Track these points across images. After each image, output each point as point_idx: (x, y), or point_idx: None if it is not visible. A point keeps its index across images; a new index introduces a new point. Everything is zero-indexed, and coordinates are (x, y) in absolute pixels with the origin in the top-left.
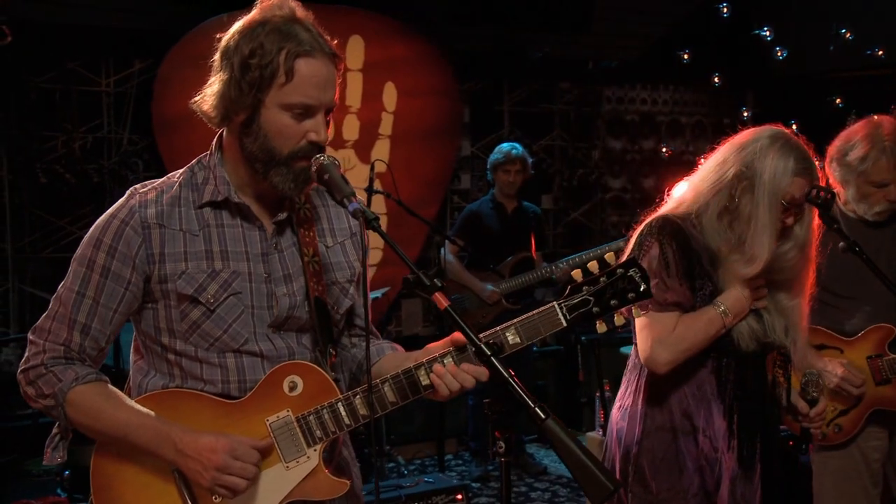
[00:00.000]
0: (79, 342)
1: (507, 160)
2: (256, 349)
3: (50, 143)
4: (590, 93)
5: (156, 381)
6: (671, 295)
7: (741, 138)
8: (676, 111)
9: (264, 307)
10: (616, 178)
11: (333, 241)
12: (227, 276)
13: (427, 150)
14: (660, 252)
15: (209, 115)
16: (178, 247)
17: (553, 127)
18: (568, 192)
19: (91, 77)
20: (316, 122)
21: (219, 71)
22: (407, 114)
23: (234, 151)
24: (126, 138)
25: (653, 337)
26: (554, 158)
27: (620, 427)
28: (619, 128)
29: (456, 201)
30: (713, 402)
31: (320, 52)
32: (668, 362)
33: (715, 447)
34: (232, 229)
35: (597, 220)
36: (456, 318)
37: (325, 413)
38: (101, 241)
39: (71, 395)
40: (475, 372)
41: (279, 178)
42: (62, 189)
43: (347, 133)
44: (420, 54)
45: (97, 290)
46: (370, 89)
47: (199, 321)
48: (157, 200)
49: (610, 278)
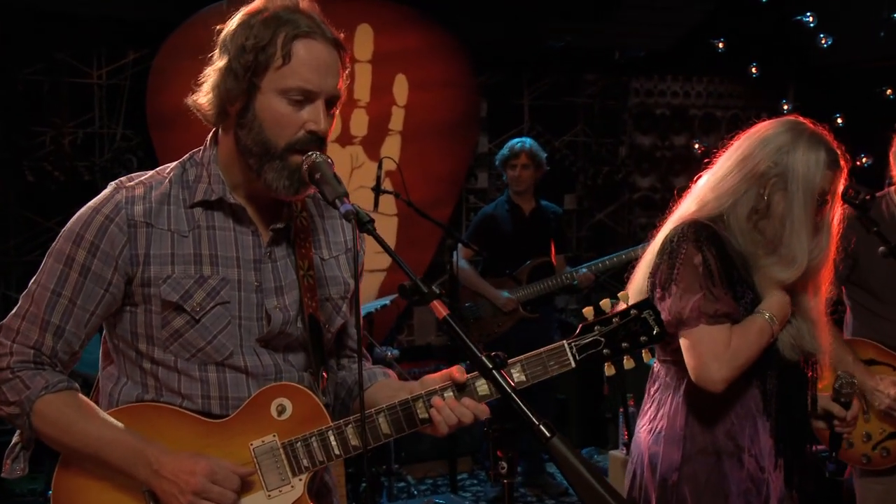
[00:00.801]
0: (51, 345)
1: (511, 154)
2: (241, 364)
3: (38, 140)
4: (616, 85)
5: (129, 391)
6: (721, 306)
7: (761, 132)
8: (710, 104)
9: (253, 319)
10: (644, 176)
11: (329, 254)
12: (215, 283)
13: (441, 147)
14: (703, 260)
15: (205, 111)
16: (164, 248)
17: (576, 121)
18: (592, 192)
19: (82, 68)
20: (315, 110)
21: (215, 62)
22: (419, 108)
23: (229, 147)
24: (119, 134)
25: (707, 353)
26: (577, 155)
27: (654, 452)
28: (648, 122)
29: (472, 201)
30: (758, 419)
31: (321, 36)
32: (725, 380)
33: (761, 466)
34: (224, 232)
35: (623, 221)
36: (456, 329)
37: (313, 441)
38: (81, 236)
39: (39, 404)
40: (475, 408)
41: (273, 174)
42: (50, 188)
43: (355, 128)
44: (433, 44)
45: (74, 289)
46: (380, 82)
47: (182, 330)
48: (144, 197)
49: (623, 319)
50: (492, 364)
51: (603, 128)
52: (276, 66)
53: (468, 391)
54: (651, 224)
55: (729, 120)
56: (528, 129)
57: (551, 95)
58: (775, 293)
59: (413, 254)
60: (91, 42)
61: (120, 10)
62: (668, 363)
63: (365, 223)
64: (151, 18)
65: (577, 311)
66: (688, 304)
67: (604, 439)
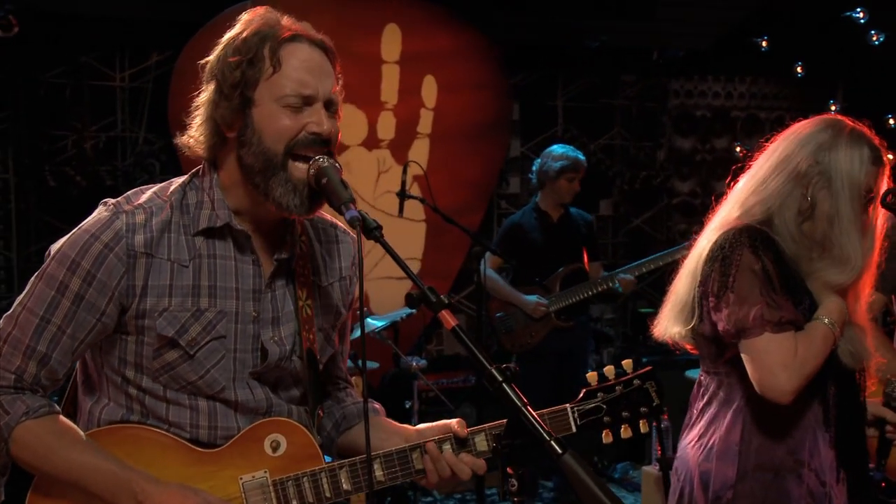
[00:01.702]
0: (33, 373)
1: (575, 167)
2: (232, 398)
3: (60, 143)
4: (654, 86)
5: (112, 411)
6: (785, 313)
7: (800, 131)
8: (754, 106)
9: (248, 350)
10: (684, 181)
11: (326, 280)
12: (211, 316)
13: (471, 151)
14: (761, 266)
15: (200, 147)
16: (163, 279)
17: (613, 124)
18: (629, 197)
19: (104, 71)
20: (316, 112)
21: (202, 97)
22: (448, 110)
23: (231, 171)
24: (142, 137)
25: (774, 362)
26: (614, 159)
27: (706, 470)
28: (688, 125)
29: (503, 207)
30: (818, 431)
31: (308, 40)
32: (795, 390)
33: (822, 481)
34: (224, 261)
35: (662, 227)
36: (465, 340)
37: (305, 482)
38: (77, 263)
39: (18, 430)
40: (474, 464)
41: (280, 189)
42: (72, 193)
43: (383, 131)
44: (464, 44)
45: (65, 318)
46: (408, 83)
47: (175, 363)
48: (145, 225)
49: (626, 389)
50: (501, 377)
51: (641, 130)
52: (268, 75)
53: (468, 446)
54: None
55: (773, 122)
56: (563, 132)
57: (586, 97)
58: (832, 298)
59: (441, 261)
60: (114, 44)
61: (143, 12)
62: (721, 375)
63: (372, 230)
64: (174, 20)
65: (613, 321)
66: (749, 313)
67: (640, 454)
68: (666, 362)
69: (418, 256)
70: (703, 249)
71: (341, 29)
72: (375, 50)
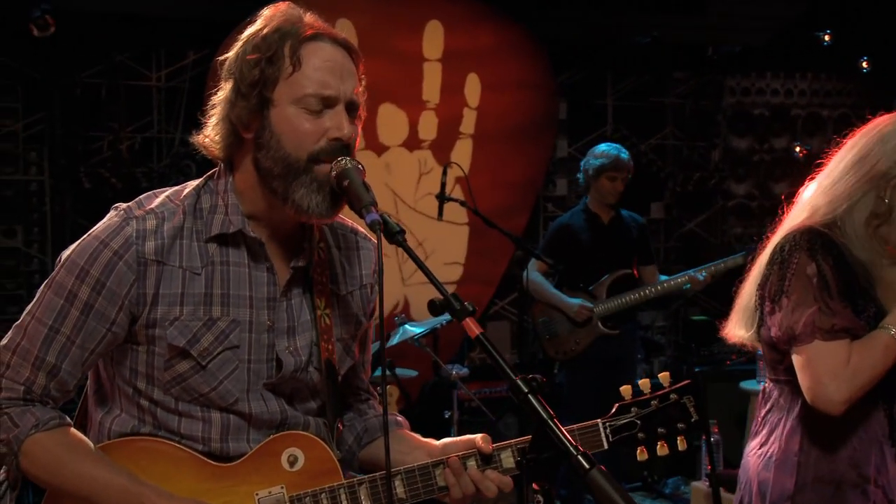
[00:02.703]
0: (43, 384)
1: (615, 165)
2: (246, 410)
3: (95, 145)
4: (709, 83)
5: (124, 422)
6: (839, 320)
7: (879, 128)
8: (815, 103)
9: (262, 360)
10: (740, 182)
11: (345, 289)
12: (224, 325)
13: (515, 152)
14: (817, 270)
15: (216, 147)
16: (174, 287)
17: (665, 123)
18: (682, 200)
19: (140, 70)
20: (337, 116)
21: (219, 95)
22: (493, 110)
23: (247, 174)
24: (178, 138)
25: (823, 371)
26: (666, 160)
27: (764, 479)
28: (745, 124)
29: (550, 210)
30: (885, 446)
31: (331, 39)
32: (845, 401)
33: (890, 499)
34: (237, 269)
35: (717, 231)
36: (490, 349)
37: (323, 498)
38: (86, 271)
39: (28, 444)
40: (500, 481)
41: (302, 191)
42: (107, 195)
43: (424, 132)
44: (508, 41)
45: (74, 328)
46: (450, 82)
47: (186, 374)
48: (156, 231)
49: (661, 403)
50: (527, 387)
51: (694, 130)
52: (287, 74)
53: (493, 463)
54: (747, 234)
55: (837, 120)
56: (612, 132)
57: (637, 95)
58: None
59: (484, 266)
60: (150, 43)
61: (179, 10)
62: (782, 383)
63: (394, 234)
64: (211, 18)
65: (664, 329)
66: (801, 319)
67: (692, 469)
68: (719, 373)
69: (461, 261)
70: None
71: (381, 26)
72: (417, 47)
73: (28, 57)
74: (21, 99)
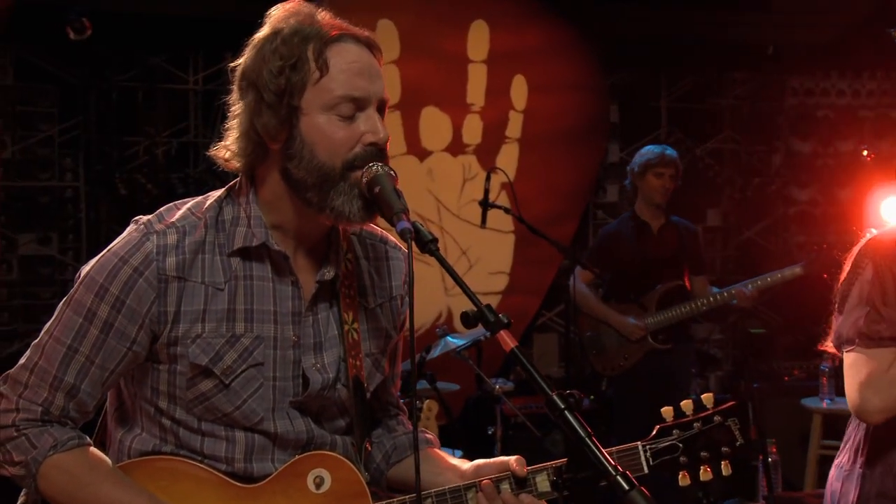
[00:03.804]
0: (61, 405)
1: (660, 161)
2: (271, 429)
3: (131, 150)
4: (769, 84)
5: (145, 441)
6: (886, 328)
7: None
8: (885, 104)
9: (288, 378)
10: (803, 188)
11: (374, 302)
12: (248, 342)
13: (564, 156)
14: (874, 275)
15: (238, 160)
16: (196, 304)
17: (722, 126)
18: (741, 206)
19: (177, 73)
20: (370, 120)
21: (239, 101)
22: (540, 113)
23: (274, 186)
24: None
25: (861, 379)
26: (723, 165)
27: (835, 489)
28: (808, 126)
29: (600, 217)
30: None
31: (354, 39)
32: (880, 410)
33: None
34: (261, 283)
35: (777, 239)
36: (525, 363)
37: None
38: (105, 289)
39: (46, 465)
40: None
41: (342, 198)
42: (143, 202)
43: (468, 136)
44: (557, 41)
45: (94, 347)
46: (496, 84)
47: (209, 394)
48: (177, 246)
49: (705, 426)
50: (563, 403)
51: (754, 133)
52: (315, 79)
53: (528, 486)
54: (810, 243)
55: None
56: (666, 136)
57: (693, 97)
58: None
59: (531, 275)
60: (186, 44)
61: (217, 11)
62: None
63: (426, 243)
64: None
65: (721, 342)
66: (849, 322)
67: (752, 491)
68: (779, 389)
69: (506, 270)
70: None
71: (424, 26)
72: (461, 48)
73: (64, 61)
74: (57, 104)
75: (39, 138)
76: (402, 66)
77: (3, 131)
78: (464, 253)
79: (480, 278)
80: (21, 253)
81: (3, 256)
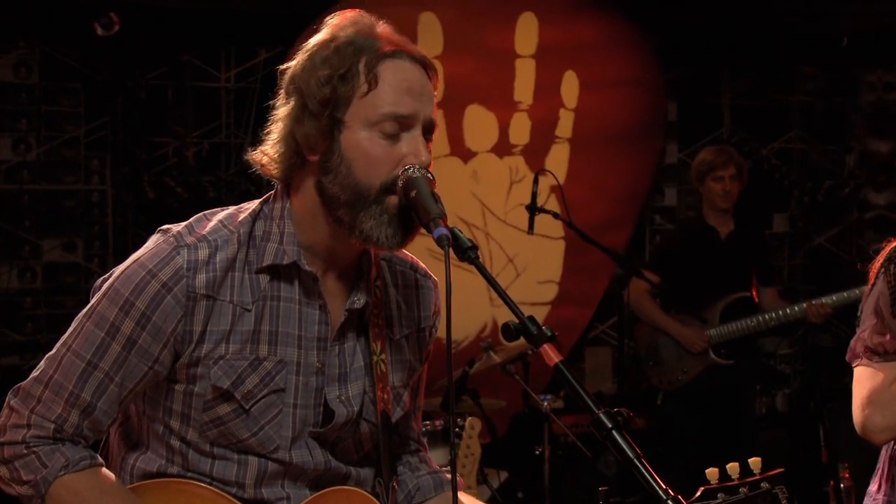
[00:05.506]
0: (76, 423)
1: (719, 162)
2: (287, 458)
3: (160, 151)
4: (843, 78)
5: (150, 460)
6: (890, 341)
7: None
8: None
9: (310, 406)
10: (880, 191)
11: (400, 332)
12: (270, 366)
13: (618, 158)
14: (887, 286)
15: (275, 167)
16: (223, 324)
17: (790, 125)
18: (811, 211)
19: (208, 70)
20: (414, 141)
21: (284, 105)
22: (592, 111)
23: (308, 199)
24: (248, 144)
25: (861, 394)
26: (791, 166)
27: None
28: (887, 124)
29: (657, 222)
30: None
31: (409, 56)
32: (883, 429)
33: None
34: (288, 304)
35: (851, 247)
36: (570, 379)
37: None
38: (131, 303)
39: (56, 487)
40: None
41: (371, 222)
42: (172, 205)
43: (516, 136)
44: (610, 34)
45: (114, 364)
46: (545, 80)
47: (227, 418)
48: (208, 263)
49: (751, 492)
50: (612, 423)
51: (826, 132)
52: (362, 93)
53: None
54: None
55: None
56: (729, 135)
57: (758, 93)
58: None
59: (582, 285)
60: (218, 40)
61: (250, 4)
62: None
63: (465, 250)
64: (284, 12)
65: (789, 357)
66: (858, 335)
67: None
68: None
69: (556, 279)
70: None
71: (469, 20)
72: (508, 43)
73: (90, 58)
74: (83, 103)
75: (65, 139)
76: (445, 61)
77: (27, 132)
78: (510, 261)
79: (528, 288)
80: (45, 260)
81: (27, 263)
